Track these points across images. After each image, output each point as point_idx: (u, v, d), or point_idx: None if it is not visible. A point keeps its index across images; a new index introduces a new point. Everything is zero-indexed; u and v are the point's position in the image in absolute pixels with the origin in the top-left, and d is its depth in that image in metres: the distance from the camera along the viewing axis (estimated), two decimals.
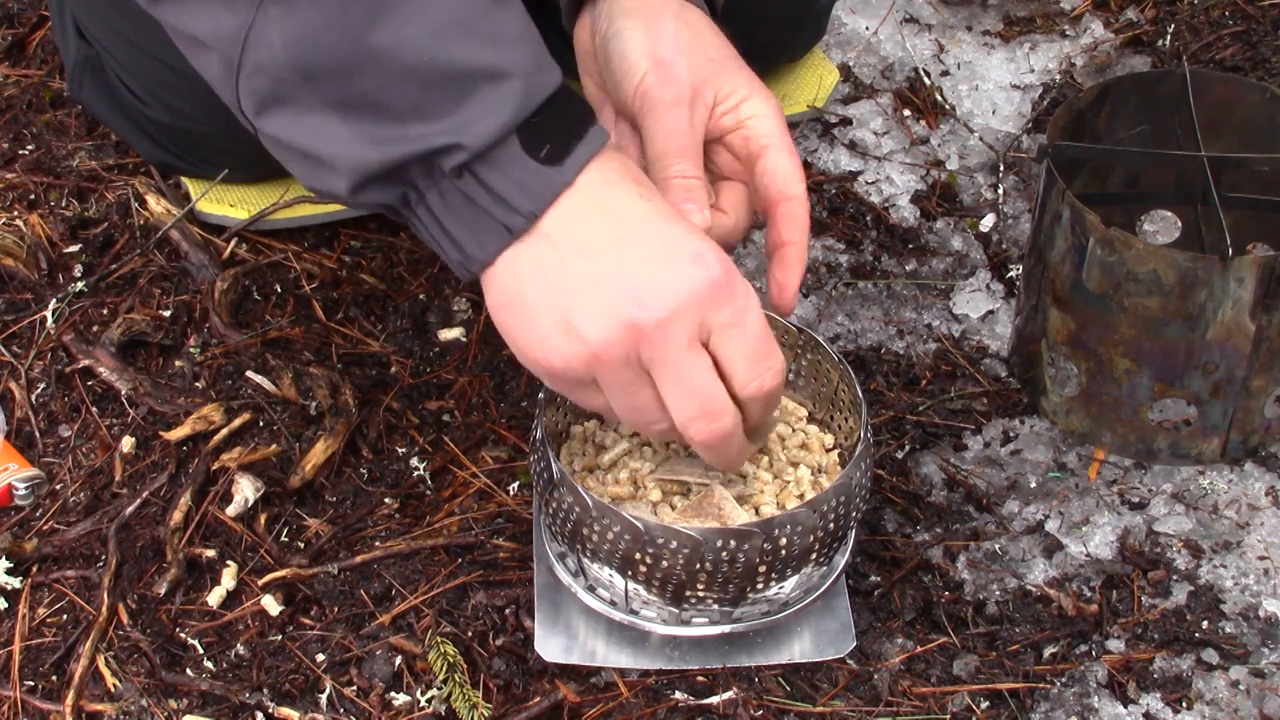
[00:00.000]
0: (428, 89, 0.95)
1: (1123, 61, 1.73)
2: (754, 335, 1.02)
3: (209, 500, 1.28)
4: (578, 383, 1.03)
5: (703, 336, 1.00)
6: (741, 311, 1.01)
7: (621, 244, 1.00)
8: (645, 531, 1.07)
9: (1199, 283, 1.21)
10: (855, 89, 1.69)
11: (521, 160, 0.97)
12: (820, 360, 1.22)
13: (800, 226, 1.14)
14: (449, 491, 1.30)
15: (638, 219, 1.01)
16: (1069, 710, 1.15)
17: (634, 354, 0.99)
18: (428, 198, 0.99)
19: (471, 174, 0.97)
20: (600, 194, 1.00)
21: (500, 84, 0.96)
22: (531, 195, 0.98)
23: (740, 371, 1.02)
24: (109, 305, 1.43)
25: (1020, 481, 1.32)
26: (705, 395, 1.01)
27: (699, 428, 1.02)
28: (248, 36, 0.94)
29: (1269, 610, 1.22)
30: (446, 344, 1.42)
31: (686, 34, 1.14)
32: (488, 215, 0.98)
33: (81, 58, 1.50)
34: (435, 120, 0.95)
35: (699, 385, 1.01)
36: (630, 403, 1.02)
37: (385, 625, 1.20)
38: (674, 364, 1.00)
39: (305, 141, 0.97)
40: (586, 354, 0.99)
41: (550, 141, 0.98)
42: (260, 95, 0.96)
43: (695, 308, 0.99)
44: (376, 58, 0.94)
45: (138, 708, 1.15)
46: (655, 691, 1.16)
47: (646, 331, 0.98)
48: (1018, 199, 1.57)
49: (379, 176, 0.97)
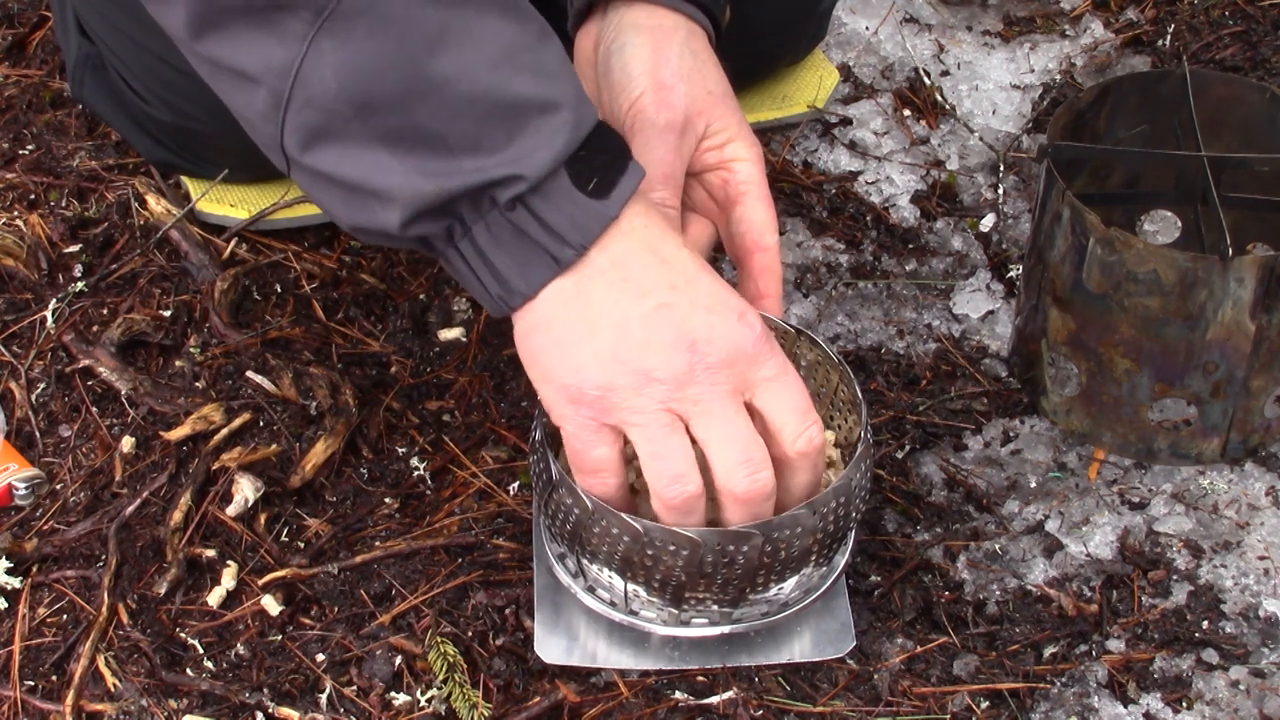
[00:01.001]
0: (483, 120, 0.95)
1: (1123, 61, 1.73)
2: (797, 390, 1.03)
3: (209, 500, 1.28)
4: (598, 419, 1.02)
5: (744, 393, 1.01)
6: (783, 368, 1.03)
7: (674, 289, 1.01)
8: (644, 533, 1.07)
9: (1199, 283, 1.21)
10: (855, 89, 1.69)
11: (570, 193, 0.98)
12: (820, 360, 1.22)
13: (775, 278, 1.16)
14: (449, 491, 1.30)
15: (687, 268, 1.02)
16: (1069, 710, 1.15)
17: (680, 397, 1.00)
18: (473, 230, 0.98)
19: (525, 206, 0.97)
20: (650, 236, 1.01)
21: (552, 116, 0.96)
22: (581, 229, 0.98)
23: (789, 424, 1.03)
24: (109, 305, 1.43)
25: (1020, 481, 1.32)
26: (748, 441, 1.01)
27: (740, 475, 1.01)
28: (300, 69, 0.94)
29: (1269, 610, 1.22)
30: (446, 344, 1.42)
31: (690, 61, 1.14)
32: (537, 247, 0.98)
33: (83, 55, 1.50)
34: (491, 153, 0.95)
35: (743, 431, 1.01)
36: (659, 449, 1.01)
37: (385, 625, 1.20)
38: (721, 409, 1.00)
39: (355, 175, 0.97)
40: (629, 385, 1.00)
41: (597, 175, 0.99)
42: (309, 130, 0.96)
43: (743, 361, 1.00)
44: (435, 89, 0.94)
45: (138, 708, 1.15)
46: (655, 692, 1.16)
47: (697, 374, 0.99)
48: (1018, 199, 1.57)
49: (430, 210, 0.97)
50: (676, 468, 1.02)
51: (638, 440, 1.02)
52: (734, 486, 1.02)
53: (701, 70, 1.14)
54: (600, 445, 1.03)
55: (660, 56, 1.13)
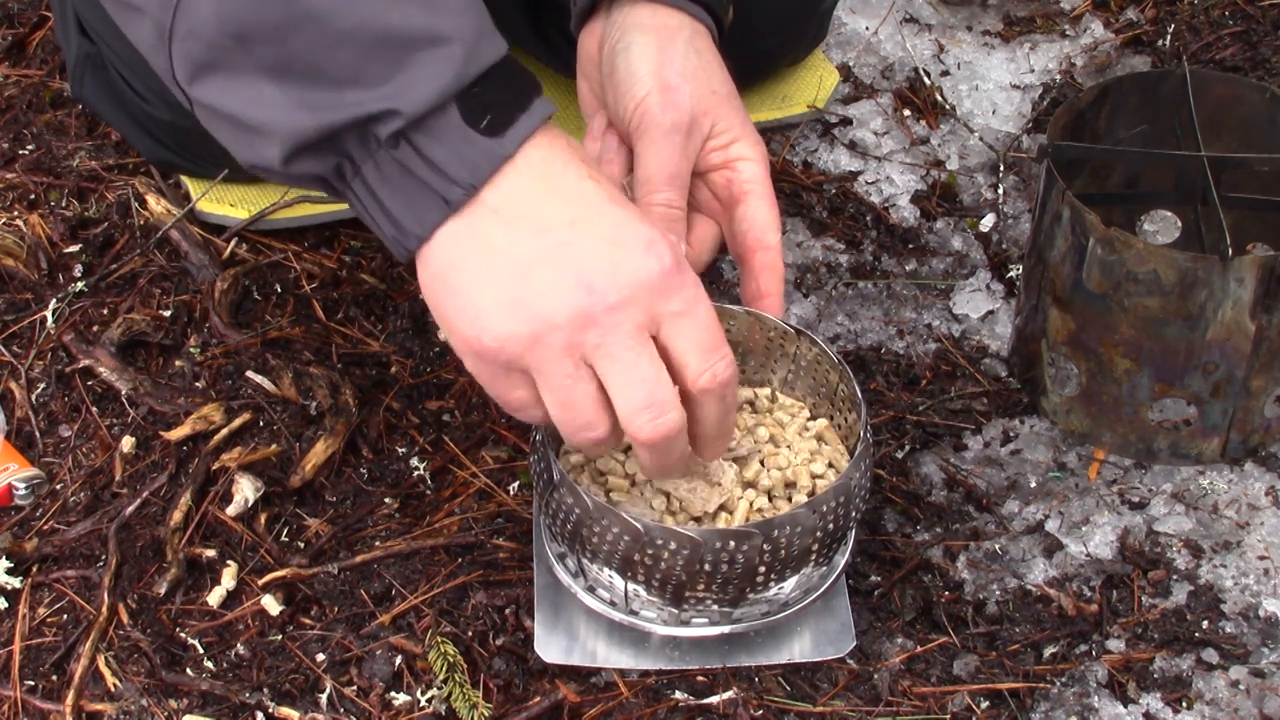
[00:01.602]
0: (364, 53, 0.92)
1: (1123, 61, 1.73)
2: (706, 325, 0.99)
3: (209, 500, 1.28)
4: (505, 367, 0.98)
5: (651, 328, 0.97)
6: (693, 301, 0.98)
7: (574, 225, 0.96)
8: (645, 532, 1.07)
9: (1199, 283, 1.21)
10: (855, 89, 1.69)
11: (461, 130, 0.94)
12: (819, 360, 1.22)
13: (777, 277, 1.15)
14: (449, 491, 1.30)
15: (590, 200, 0.97)
16: (1069, 710, 1.15)
17: (579, 341, 0.96)
18: (363, 169, 0.95)
19: (408, 142, 0.94)
20: (549, 170, 0.97)
21: (439, 49, 0.93)
22: (470, 166, 0.94)
23: (693, 362, 0.99)
24: (109, 305, 1.43)
25: (1020, 481, 1.32)
26: (652, 384, 0.97)
27: (644, 420, 0.98)
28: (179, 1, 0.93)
29: (1269, 610, 1.22)
30: (446, 344, 1.42)
31: (695, 61, 1.13)
32: (425, 186, 0.95)
33: (83, 54, 1.50)
34: (372, 86, 0.92)
35: (647, 373, 0.97)
36: (564, 398, 0.98)
37: (385, 625, 1.20)
38: (622, 350, 0.96)
39: (238, 108, 0.94)
40: (527, 334, 0.96)
41: (492, 112, 0.95)
42: (193, 61, 0.94)
43: (647, 295, 0.96)
44: (312, 19, 0.91)
45: (138, 708, 1.15)
46: (655, 691, 1.16)
47: (596, 316, 0.95)
48: (1018, 199, 1.57)
49: (313, 145, 0.94)
50: (583, 417, 0.99)
51: (543, 389, 0.99)
52: (637, 432, 0.99)
53: (706, 70, 1.14)
54: (513, 389, 1.00)
55: (665, 56, 1.12)
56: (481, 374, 1.01)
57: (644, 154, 1.11)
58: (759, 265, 1.15)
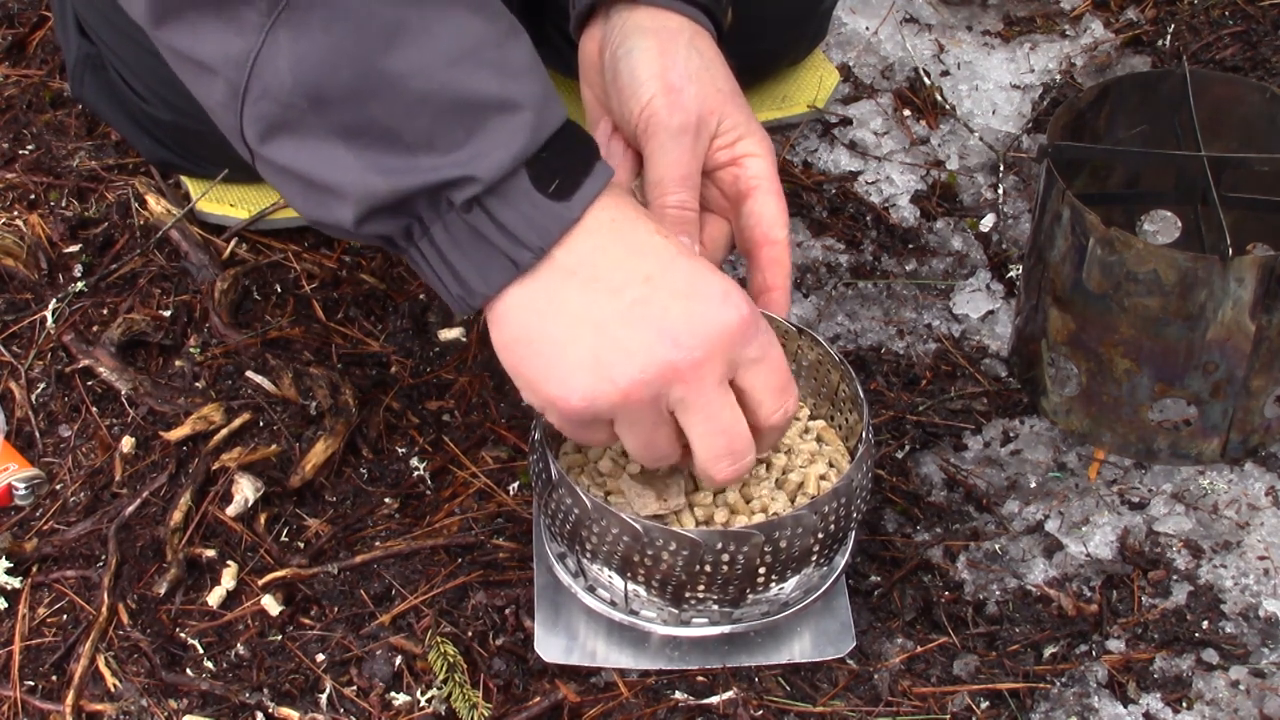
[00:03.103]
0: (439, 118, 0.93)
1: (1123, 61, 1.73)
2: (778, 368, 1.03)
3: (209, 500, 1.28)
4: (592, 421, 1.02)
5: (730, 375, 1.01)
6: (767, 346, 1.02)
7: (650, 281, 0.99)
8: (644, 533, 1.07)
9: (1199, 283, 1.21)
10: (855, 89, 1.69)
11: (530, 195, 0.96)
12: (820, 360, 1.22)
13: (784, 271, 1.15)
14: (449, 491, 1.30)
15: (662, 255, 1.00)
16: (1069, 710, 1.15)
17: (665, 395, 0.99)
18: (432, 230, 0.97)
19: (481, 207, 0.95)
20: (619, 230, 0.99)
21: (511, 116, 0.95)
22: (539, 230, 0.97)
23: (767, 404, 1.02)
24: (109, 305, 1.43)
25: (1020, 481, 1.32)
26: (732, 434, 1.01)
27: (723, 467, 1.02)
28: (255, 60, 0.93)
29: (1269, 610, 1.22)
30: (446, 344, 1.42)
31: (697, 61, 1.13)
32: (494, 249, 0.97)
33: (83, 55, 1.50)
34: (447, 152, 0.94)
35: (728, 424, 1.01)
36: (646, 440, 1.02)
37: (385, 625, 1.20)
38: (706, 404, 1.00)
39: (311, 169, 0.96)
40: (616, 394, 0.98)
41: (559, 176, 0.97)
42: (266, 121, 0.95)
43: (727, 346, 0.99)
44: (389, 84, 0.93)
45: (138, 708, 1.15)
46: (655, 691, 1.16)
47: (683, 371, 0.98)
48: (1018, 199, 1.57)
49: (386, 208, 0.96)
50: (660, 453, 1.03)
51: (624, 435, 1.02)
52: (715, 474, 1.03)
53: (709, 69, 1.14)
54: (595, 434, 1.04)
55: (668, 59, 1.12)
56: (565, 428, 1.04)
57: (654, 156, 1.11)
58: (766, 260, 1.15)
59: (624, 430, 1.02)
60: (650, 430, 1.01)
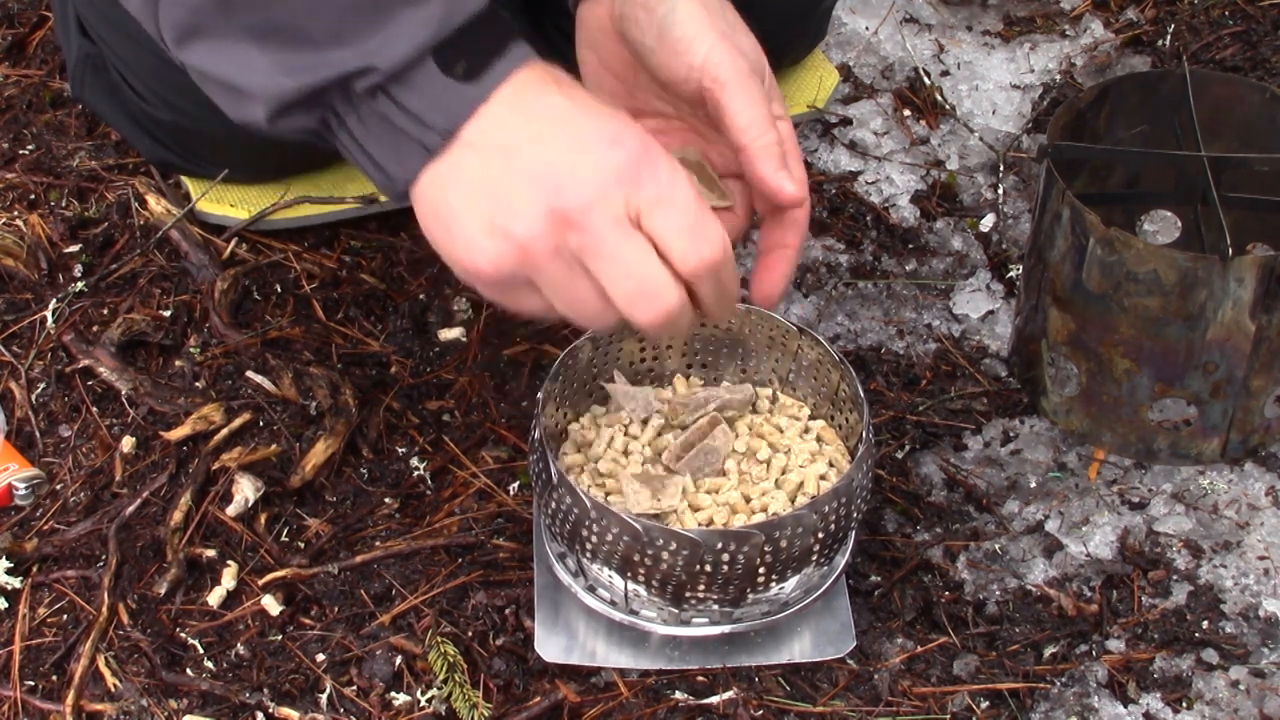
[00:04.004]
0: (345, 14, 0.95)
1: (1123, 61, 1.73)
2: (684, 208, 0.99)
3: (209, 500, 1.28)
4: (512, 284, 1.01)
5: (632, 217, 0.98)
6: (667, 186, 0.99)
7: (538, 139, 0.99)
8: (644, 533, 1.07)
9: (1199, 283, 1.21)
10: (855, 89, 1.69)
11: (437, 79, 0.97)
12: (820, 360, 1.22)
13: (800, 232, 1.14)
14: (449, 491, 1.30)
15: (557, 114, 0.99)
16: (1069, 710, 1.15)
17: (563, 244, 0.98)
18: (347, 121, 0.99)
19: (387, 95, 0.97)
20: (519, 99, 0.99)
21: (419, 8, 0.96)
22: (446, 113, 0.97)
23: (677, 246, 0.99)
24: (109, 305, 1.43)
25: (1020, 481, 1.32)
26: (640, 276, 0.98)
27: (642, 310, 0.99)
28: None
29: (1269, 610, 1.22)
30: (446, 344, 1.42)
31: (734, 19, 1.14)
32: (405, 135, 0.98)
33: (83, 55, 1.50)
34: (353, 45, 0.95)
35: (632, 266, 0.98)
36: (569, 297, 1.00)
37: (385, 625, 1.20)
38: (604, 247, 0.98)
39: (223, 72, 0.98)
40: (515, 251, 0.98)
41: (467, 59, 0.98)
42: (179, 26, 0.97)
43: (617, 188, 0.98)
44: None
45: (138, 708, 1.15)
46: (655, 691, 1.16)
47: (571, 218, 0.97)
48: (1018, 199, 1.57)
49: (297, 104, 0.98)
50: (590, 309, 1.01)
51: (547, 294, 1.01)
52: (637, 319, 1.00)
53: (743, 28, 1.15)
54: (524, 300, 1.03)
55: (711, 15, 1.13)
56: (491, 295, 1.04)
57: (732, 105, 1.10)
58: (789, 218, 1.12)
59: (545, 291, 1.01)
60: (567, 285, 0.99)
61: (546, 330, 1.42)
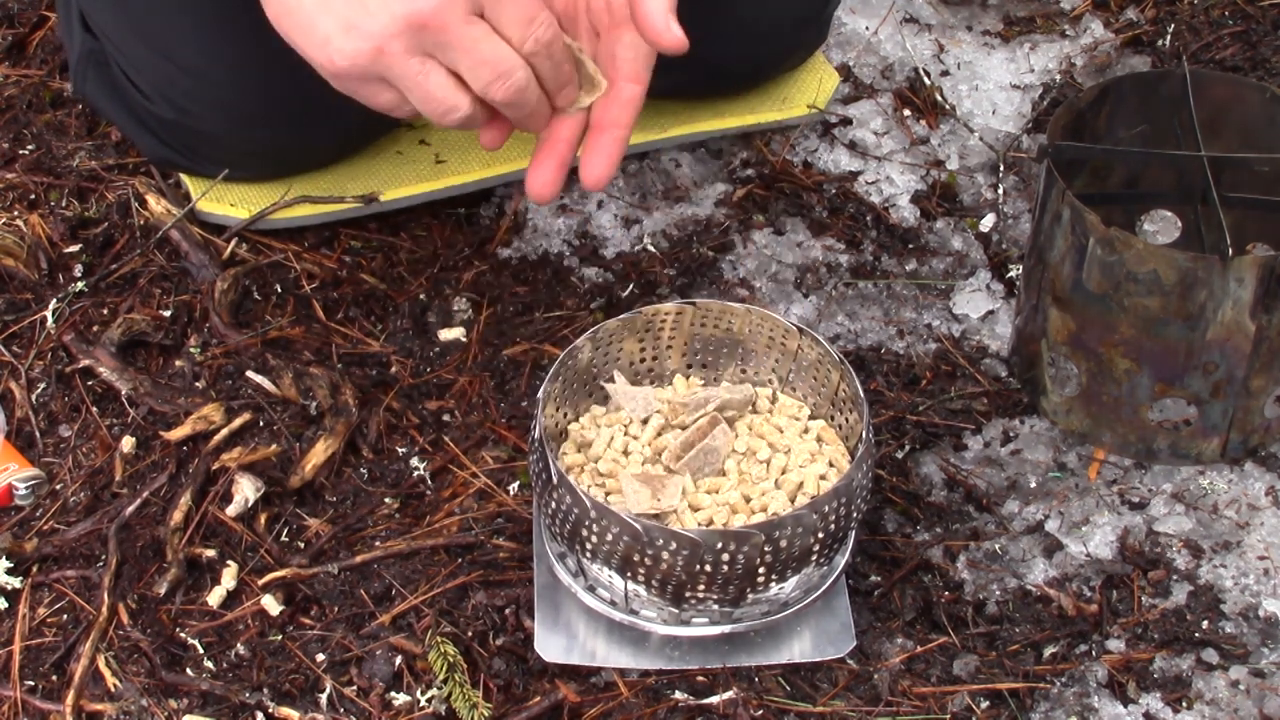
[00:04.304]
0: None
1: (1123, 61, 1.73)
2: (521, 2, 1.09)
3: (209, 500, 1.28)
4: (364, 80, 1.10)
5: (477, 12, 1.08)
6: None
7: None
8: (644, 533, 1.07)
9: (1199, 283, 1.21)
10: (855, 89, 1.69)
11: None
12: (820, 360, 1.22)
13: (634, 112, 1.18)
14: (449, 491, 1.30)
15: None
16: (1069, 710, 1.15)
17: (416, 43, 1.07)
18: None
19: None
20: None
21: None
22: None
23: (515, 34, 1.09)
24: (109, 305, 1.43)
25: (1020, 481, 1.32)
26: (494, 58, 1.09)
27: (498, 88, 1.09)
28: None
29: (1269, 610, 1.22)
30: (446, 344, 1.42)
31: None
32: None
33: (86, 51, 1.50)
34: None
35: (487, 52, 1.08)
36: (423, 92, 1.09)
37: (385, 625, 1.20)
38: (459, 41, 1.07)
39: None
40: (370, 50, 1.07)
41: None
42: None
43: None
44: None
45: (138, 708, 1.15)
46: (655, 691, 1.16)
47: (425, 17, 1.06)
48: (1018, 199, 1.57)
49: None
50: (445, 103, 1.10)
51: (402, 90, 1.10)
52: (494, 97, 1.10)
53: None
54: (378, 94, 1.12)
55: None
56: (346, 89, 1.12)
57: None
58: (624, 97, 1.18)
59: (400, 86, 1.10)
60: (423, 83, 1.09)
61: (546, 330, 1.42)
